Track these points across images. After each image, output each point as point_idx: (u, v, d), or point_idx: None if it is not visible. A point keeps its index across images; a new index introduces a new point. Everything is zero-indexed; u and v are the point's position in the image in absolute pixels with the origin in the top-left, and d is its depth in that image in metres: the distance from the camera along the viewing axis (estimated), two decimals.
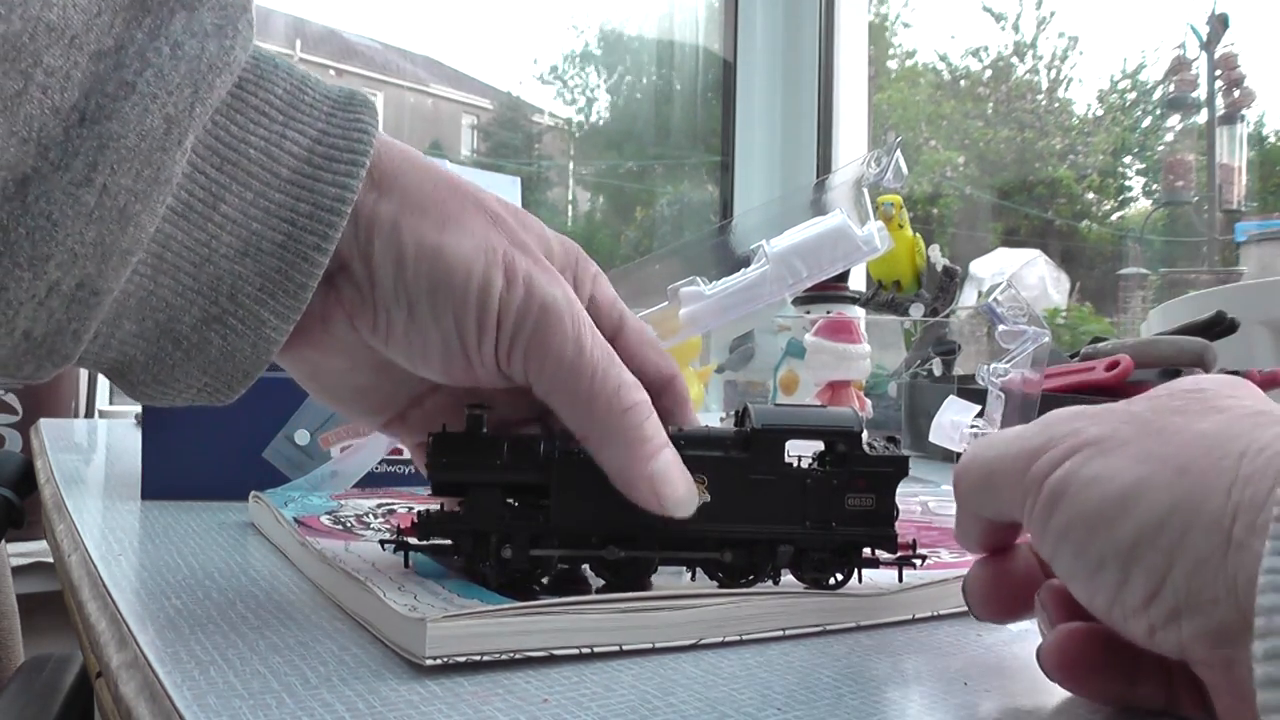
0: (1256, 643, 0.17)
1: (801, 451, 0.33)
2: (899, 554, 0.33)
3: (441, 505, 0.34)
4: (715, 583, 0.33)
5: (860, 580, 0.34)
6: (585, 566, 0.33)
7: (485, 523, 0.32)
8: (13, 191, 0.22)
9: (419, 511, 0.33)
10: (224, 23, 0.25)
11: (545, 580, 0.33)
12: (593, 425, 0.30)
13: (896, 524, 0.33)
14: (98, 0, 0.23)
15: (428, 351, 0.30)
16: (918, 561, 0.34)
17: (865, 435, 0.33)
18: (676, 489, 0.30)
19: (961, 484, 0.28)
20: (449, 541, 0.32)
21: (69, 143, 0.22)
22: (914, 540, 0.34)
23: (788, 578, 0.34)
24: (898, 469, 0.33)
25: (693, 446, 0.32)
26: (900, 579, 0.34)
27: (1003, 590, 0.28)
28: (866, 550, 0.33)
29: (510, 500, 0.32)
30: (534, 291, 0.29)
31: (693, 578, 0.34)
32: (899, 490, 0.33)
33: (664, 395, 0.34)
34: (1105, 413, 0.24)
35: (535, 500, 0.32)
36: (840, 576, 0.33)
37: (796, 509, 0.33)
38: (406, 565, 0.33)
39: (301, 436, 0.52)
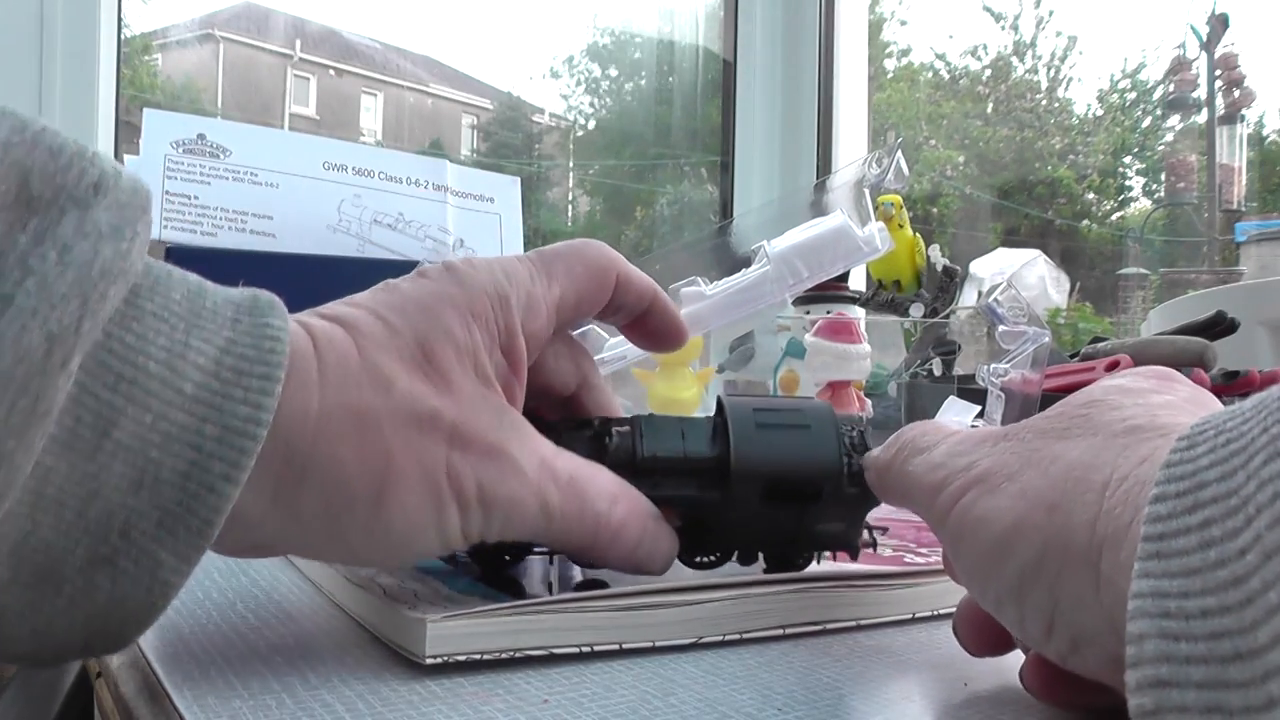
0: (1129, 672, 0.16)
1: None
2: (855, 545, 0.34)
3: None
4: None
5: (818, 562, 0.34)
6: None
7: None
8: None
9: None
10: (121, 223, 0.21)
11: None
12: (570, 552, 0.31)
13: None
14: None
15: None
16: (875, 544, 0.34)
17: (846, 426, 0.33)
18: (655, 567, 0.31)
19: (882, 483, 0.29)
20: None
21: None
22: (874, 539, 0.34)
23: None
24: (870, 502, 0.32)
25: (666, 479, 0.31)
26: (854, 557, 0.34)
27: (989, 627, 0.27)
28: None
29: None
30: (491, 504, 0.27)
31: None
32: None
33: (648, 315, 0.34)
34: (1002, 439, 0.25)
35: None
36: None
37: (766, 536, 0.33)
38: None
39: None
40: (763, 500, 0.31)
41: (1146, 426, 0.22)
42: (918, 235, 1.01)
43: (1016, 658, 0.28)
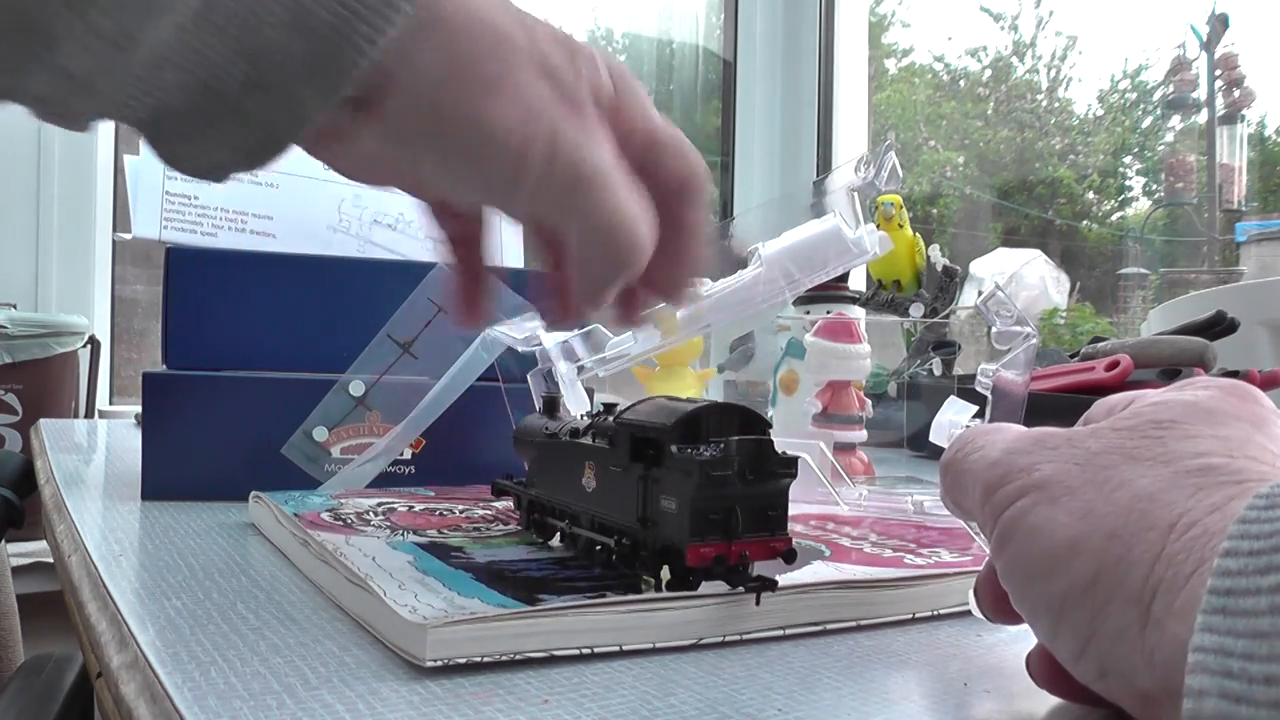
0: None
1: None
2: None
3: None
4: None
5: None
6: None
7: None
8: None
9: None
10: None
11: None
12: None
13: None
14: None
15: (454, 193, 0.30)
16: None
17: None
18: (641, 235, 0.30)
19: (943, 481, 0.28)
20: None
21: None
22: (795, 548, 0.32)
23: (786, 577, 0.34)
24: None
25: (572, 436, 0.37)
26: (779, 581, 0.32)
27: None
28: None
29: None
30: (578, 167, 0.28)
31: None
32: (898, 492, 0.33)
33: (678, 199, 0.34)
34: (1065, 445, 0.24)
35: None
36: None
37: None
38: None
39: (320, 433, 0.52)
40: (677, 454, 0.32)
41: (1221, 469, 0.21)
42: (917, 235, 1.01)
43: (1017, 659, 0.28)
